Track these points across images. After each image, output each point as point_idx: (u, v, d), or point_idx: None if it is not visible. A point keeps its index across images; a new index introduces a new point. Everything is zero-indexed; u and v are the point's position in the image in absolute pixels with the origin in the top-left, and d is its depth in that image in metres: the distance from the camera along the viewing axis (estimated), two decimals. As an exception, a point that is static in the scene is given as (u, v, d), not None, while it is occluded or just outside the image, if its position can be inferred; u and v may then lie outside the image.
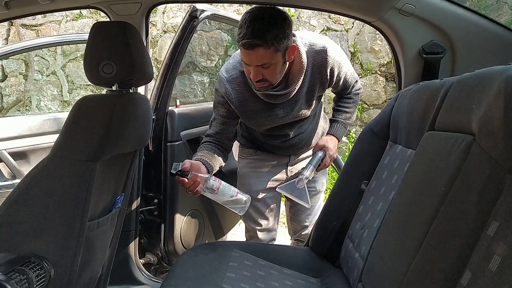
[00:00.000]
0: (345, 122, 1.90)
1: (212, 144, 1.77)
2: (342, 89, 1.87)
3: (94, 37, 1.33)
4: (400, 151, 1.39)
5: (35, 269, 1.14)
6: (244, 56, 1.55)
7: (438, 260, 0.84)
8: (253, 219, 2.04)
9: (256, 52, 1.49)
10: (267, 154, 1.99)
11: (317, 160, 1.79)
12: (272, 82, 1.62)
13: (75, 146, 1.23)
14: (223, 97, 1.74)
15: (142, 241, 2.10)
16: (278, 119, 1.78)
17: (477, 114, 0.86)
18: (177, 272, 1.38)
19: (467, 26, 1.56)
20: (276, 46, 1.50)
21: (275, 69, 1.57)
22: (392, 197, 1.28)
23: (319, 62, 1.69)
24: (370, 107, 5.10)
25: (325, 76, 1.72)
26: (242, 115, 1.78)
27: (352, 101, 1.91)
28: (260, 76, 1.56)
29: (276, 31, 1.48)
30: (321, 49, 1.68)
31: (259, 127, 1.86)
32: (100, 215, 1.43)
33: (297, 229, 2.19)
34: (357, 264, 1.37)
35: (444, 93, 1.08)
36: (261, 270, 1.52)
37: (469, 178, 0.83)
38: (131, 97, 1.39)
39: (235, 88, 1.73)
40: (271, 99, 1.71)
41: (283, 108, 1.76)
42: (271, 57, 1.52)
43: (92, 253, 1.42)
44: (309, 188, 2.00)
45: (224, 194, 1.57)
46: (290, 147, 1.93)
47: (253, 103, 1.74)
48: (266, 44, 1.47)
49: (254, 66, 1.54)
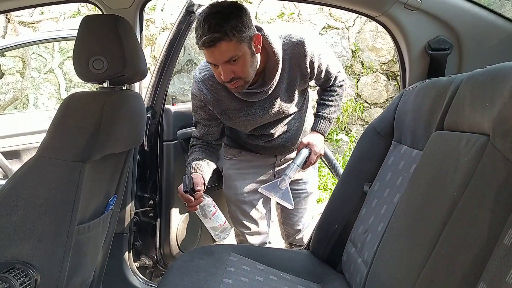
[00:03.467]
0: (329, 116, 1.82)
1: (202, 148, 1.76)
2: (325, 81, 1.78)
3: (84, 30, 1.27)
4: (405, 151, 1.33)
5: (19, 276, 1.09)
6: (209, 57, 1.46)
7: (450, 271, 0.78)
8: (241, 223, 1.96)
9: (219, 48, 1.41)
10: (252, 155, 1.91)
11: (302, 159, 1.72)
12: (246, 79, 1.53)
13: (63, 146, 1.18)
14: (200, 100, 1.69)
15: (137, 244, 2.04)
16: (258, 118, 1.71)
17: (490, 113, 0.80)
18: (171, 279, 1.33)
19: (475, 21, 1.51)
20: (238, 37, 1.42)
21: (244, 62, 1.48)
22: (397, 200, 1.23)
23: (297, 54, 1.61)
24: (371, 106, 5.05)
25: (304, 69, 1.65)
26: (221, 115, 1.71)
27: (336, 93, 1.83)
28: (232, 74, 1.48)
29: (234, 21, 1.40)
30: (298, 41, 1.60)
31: (241, 128, 1.79)
32: (90, 218, 1.38)
33: (291, 233, 2.11)
34: (359, 269, 1.32)
35: (453, 90, 1.02)
36: (259, 276, 1.46)
37: (483, 182, 0.78)
38: (123, 95, 1.34)
39: (210, 88, 1.67)
40: (248, 97, 1.65)
41: (262, 106, 1.68)
42: (236, 49, 1.43)
43: (82, 257, 1.37)
44: (299, 190, 1.98)
45: (215, 221, 1.68)
46: (276, 147, 1.85)
47: (230, 102, 1.68)
48: (227, 36, 1.39)
49: (222, 65, 1.46)
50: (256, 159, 1.91)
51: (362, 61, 5.04)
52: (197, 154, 1.74)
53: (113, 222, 1.58)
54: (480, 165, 0.79)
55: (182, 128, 2.14)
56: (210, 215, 1.65)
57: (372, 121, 1.61)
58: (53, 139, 1.17)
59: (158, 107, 2.00)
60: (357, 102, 5.08)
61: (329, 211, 1.65)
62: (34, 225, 1.16)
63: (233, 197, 1.93)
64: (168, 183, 2.05)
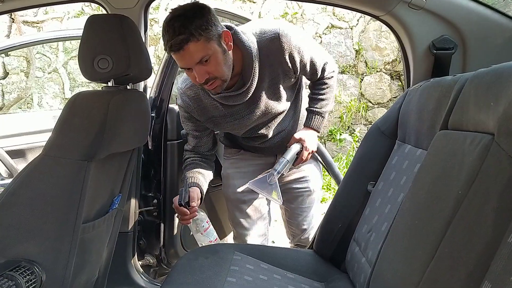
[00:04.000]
0: (321, 111, 1.76)
1: (196, 160, 1.76)
2: (312, 74, 1.71)
3: (89, 30, 1.28)
4: (409, 151, 1.33)
5: (25, 274, 1.09)
6: (180, 61, 1.44)
7: (454, 270, 0.78)
8: (240, 224, 1.93)
9: (188, 50, 1.38)
10: (251, 154, 1.90)
11: (292, 154, 1.67)
12: (222, 78, 1.49)
13: (68, 145, 1.18)
14: (186, 111, 1.69)
15: (141, 243, 2.05)
16: (245, 120, 1.68)
17: (495, 112, 0.80)
18: (175, 277, 1.33)
19: (479, 20, 1.50)
20: (205, 36, 1.39)
21: (216, 61, 1.45)
22: (401, 199, 1.23)
23: (274, 50, 1.56)
24: (375, 105, 5.04)
25: (285, 64, 1.59)
26: (208, 123, 1.70)
27: (326, 86, 1.75)
28: (206, 75, 1.45)
29: (198, 20, 1.38)
30: (272, 36, 1.55)
31: (232, 131, 1.78)
32: (95, 217, 1.38)
33: (296, 233, 2.07)
34: (364, 269, 1.32)
35: (458, 90, 1.02)
36: (263, 274, 1.46)
37: (488, 180, 0.78)
38: (127, 94, 1.34)
39: (192, 97, 1.66)
40: (230, 101, 1.62)
41: (247, 108, 1.65)
42: (205, 48, 1.40)
43: (87, 256, 1.37)
44: (301, 189, 1.94)
45: (206, 237, 1.66)
46: (273, 147, 1.83)
47: (215, 109, 1.66)
48: (193, 37, 1.37)
49: (195, 67, 1.43)
50: (255, 158, 1.89)
51: (366, 60, 5.03)
52: (191, 167, 1.74)
53: (117, 221, 1.58)
54: (485, 164, 0.79)
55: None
56: (202, 230, 1.65)
57: (376, 121, 1.60)
58: (58, 138, 1.18)
59: (163, 106, 2.01)
60: (361, 102, 5.08)
61: (333, 211, 1.64)
62: (40, 223, 1.16)
63: (232, 196, 1.92)
64: (172, 182, 2.06)
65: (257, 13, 5.13)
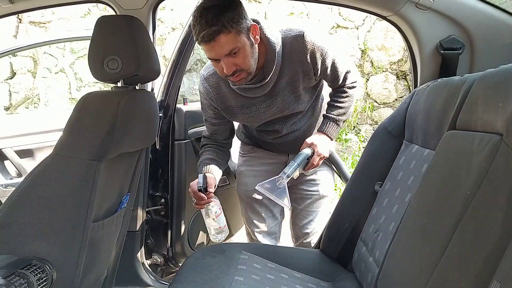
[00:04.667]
0: (337, 118, 1.74)
1: (212, 148, 1.78)
2: (333, 80, 1.71)
3: (99, 31, 1.29)
4: (417, 151, 1.33)
5: (36, 272, 1.10)
6: (209, 52, 1.44)
7: (463, 269, 0.79)
8: (251, 221, 1.95)
9: (219, 42, 1.40)
10: (264, 152, 1.90)
11: (302, 158, 1.64)
12: (248, 70, 1.51)
13: (79, 145, 1.19)
14: (206, 98, 1.71)
15: (148, 242, 2.06)
16: (261, 114, 1.70)
17: (504, 113, 0.80)
18: (184, 276, 1.34)
19: (487, 20, 1.50)
20: (236, 28, 1.41)
21: (245, 53, 1.46)
22: (408, 199, 1.23)
23: (297, 48, 1.58)
24: (381, 105, 5.04)
25: (306, 64, 1.60)
26: (225, 112, 1.72)
27: (346, 95, 1.74)
28: (234, 67, 1.46)
29: (230, 13, 1.39)
30: (297, 34, 1.57)
31: (248, 123, 1.80)
32: (105, 216, 1.39)
33: (299, 236, 2.04)
34: (371, 268, 1.32)
35: (465, 90, 1.02)
36: (270, 274, 1.47)
37: (496, 181, 0.78)
38: (137, 94, 1.35)
39: (213, 85, 1.68)
40: (249, 93, 1.64)
41: (264, 102, 1.67)
42: (236, 40, 1.42)
43: (97, 254, 1.39)
44: (310, 192, 1.93)
45: (217, 222, 1.67)
46: (286, 144, 1.83)
47: (233, 99, 1.68)
48: (225, 29, 1.38)
49: (223, 58, 1.44)
50: (268, 156, 1.90)
51: (372, 60, 5.03)
52: (208, 154, 1.76)
53: (126, 220, 1.59)
54: (493, 164, 0.79)
55: (194, 127, 2.15)
56: (214, 216, 1.66)
57: (383, 121, 1.60)
58: (69, 137, 1.19)
59: (170, 107, 2.02)
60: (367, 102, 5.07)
61: (340, 210, 1.65)
62: (51, 222, 1.17)
63: (244, 194, 1.93)
64: (180, 182, 2.07)
65: (263, 13, 5.14)
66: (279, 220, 2.01)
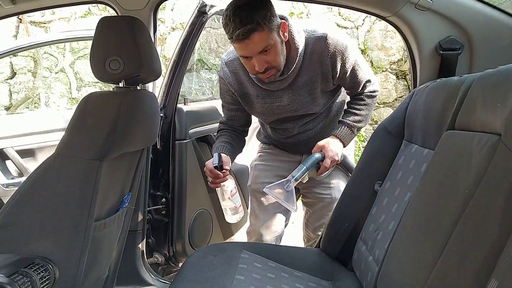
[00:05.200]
0: (352, 124, 1.72)
1: (228, 132, 1.81)
2: (352, 86, 1.71)
3: (101, 32, 1.29)
4: (416, 150, 1.34)
5: (39, 271, 1.11)
6: (242, 50, 1.47)
7: (462, 267, 0.80)
8: (255, 214, 1.94)
9: (253, 39, 1.43)
10: (280, 150, 1.93)
11: (311, 162, 1.63)
12: (278, 67, 1.55)
13: (81, 145, 1.20)
14: (224, 83, 1.74)
15: (149, 241, 2.07)
16: (275, 107, 1.71)
17: (502, 113, 0.81)
18: (186, 275, 1.35)
19: (486, 21, 1.51)
20: (269, 26, 1.44)
21: (276, 51, 1.50)
22: (408, 198, 1.24)
23: (319, 49, 1.60)
24: (380, 105, 5.04)
25: (326, 66, 1.61)
26: (241, 98, 1.74)
27: (364, 103, 1.74)
28: (266, 64, 1.50)
29: (263, 11, 1.42)
30: (321, 35, 1.59)
31: (260, 116, 1.82)
32: (106, 215, 1.40)
33: (311, 237, 2.06)
34: (370, 267, 1.33)
35: (464, 90, 1.03)
36: (271, 273, 1.48)
37: (495, 180, 0.79)
38: (138, 94, 1.36)
39: (232, 70, 1.71)
40: (265, 85, 1.66)
41: (280, 96, 1.69)
42: (269, 38, 1.46)
43: (99, 253, 1.39)
44: (323, 195, 1.92)
45: (232, 202, 1.68)
46: (299, 144, 1.83)
47: (250, 87, 1.70)
48: (260, 27, 1.42)
49: (256, 56, 1.48)
50: (283, 154, 1.92)
51: (372, 60, 5.03)
52: (224, 137, 1.79)
53: (127, 219, 1.60)
54: (492, 164, 0.80)
55: (194, 127, 2.16)
56: (229, 195, 1.67)
57: (382, 120, 1.61)
58: (71, 137, 1.20)
59: (171, 107, 2.03)
60: (366, 102, 5.07)
61: (340, 210, 1.66)
62: (53, 221, 1.18)
63: (253, 186, 1.94)
64: (180, 181, 2.08)
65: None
66: (283, 221, 1.97)
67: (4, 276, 1.02)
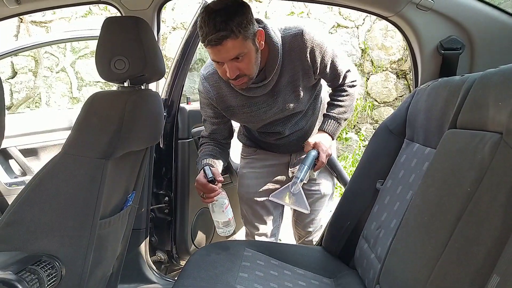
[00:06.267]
0: (338, 117, 1.72)
1: (211, 146, 1.76)
2: (333, 78, 1.69)
3: (106, 32, 1.30)
4: (418, 149, 1.35)
5: (46, 268, 1.12)
6: (215, 55, 1.44)
7: (464, 264, 0.81)
8: (251, 223, 1.95)
9: (225, 46, 1.39)
10: (266, 154, 1.89)
11: (311, 159, 1.63)
12: (250, 76, 1.51)
13: (87, 144, 1.21)
14: (205, 97, 1.70)
15: (152, 240, 2.08)
16: (262, 114, 1.68)
17: (503, 112, 0.82)
18: (190, 272, 1.36)
19: (486, 21, 1.52)
20: (244, 34, 1.40)
21: (249, 59, 1.46)
22: (409, 196, 1.25)
23: (297, 46, 1.56)
24: (381, 104, 5.06)
25: (306, 62, 1.59)
26: (225, 111, 1.71)
27: (346, 93, 1.73)
28: (237, 71, 1.46)
29: (239, 18, 1.38)
30: (296, 32, 1.55)
31: (248, 124, 1.79)
32: (111, 213, 1.41)
33: (301, 235, 2.08)
34: (373, 265, 1.35)
35: (466, 89, 1.05)
36: (274, 270, 1.49)
37: (496, 178, 0.80)
38: (143, 94, 1.37)
39: (213, 84, 1.67)
40: (249, 92, 1.62)
41: (265, 101, 1.66)
42: (242, 46, 1.41)
43: (103, 251, 1.41)
44: (312, 191, 1.93)
45: (226, 214, 1.64)
46: (289, 145, 1.83)
47: (233, 99, 1.67)
48: (233, 34, 1.37)
49: (227, 62, 1.44)
50: (270, 158, 1.90)
51: (372, 59, 5.05)
52: (207, 150, 1.74)
53: (131, 217, 1.61)
54: (493, 162, 0.82)
55: (197, 126, 2.17)
56: (224, 208, 1.63)
57: (384, 120, 1.62)
58: (77, 136, 1.21)
59: (174, 106, 2.04)
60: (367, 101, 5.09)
61: (341, 208, 1.67)
62: (60, 219, 1.19)
63: (245, 196, 1.93)
64: (183, 180, 2.09)
65: (264, 13, 5.15)
66: (278, 222, 2.00)
67: (13, 273, 1.03)
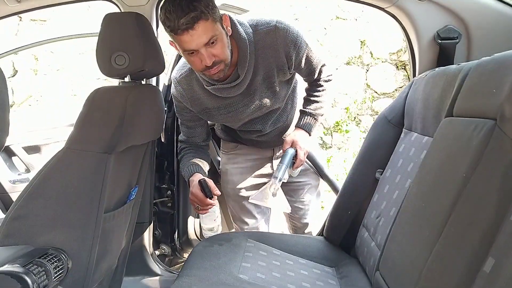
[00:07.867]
0: (314, 112, 1.68)
1: (193, 150, 1.72)
2: (309, 73, 1.65)
3: (106, 28, 1.32)
4: (416, 138, 1.37)
5: (53, 261, 1.14)
6: (187, 43, 1.34)
7: (460, 247, 0.83)
8: (239, 218, 1.92)
9: (197, 29, 1.31)
10: (248, 148, 1.85)
11: (289, 158, 1.58)
12: (226, 61, 1.43)
13: (90, 139, 1.23)
14: (179, 101, 1.64)
15: (156, 233, 2.10)
16: (239, 114, 1.64)
17: (498, 99, 0.84)
18: (193, 263, 1.39)
19: (482, 10, 1.53)
20: (213, 16, 1.33)
21: (223, 43, 1.39)
22: (408, 185, 1.27)
23: (270, 42, 1.51)
24: (381, 96, 5.06)
25: (280, 58, 1.53)
26: (201, 114, 1.66)
27: (322, 89, 1.68)
28: (213, 58, 1.38)
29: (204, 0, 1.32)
30: (269, 29, 1.50)
31: (228, 124, 1.76)
32: (115, 207, 1.44)
33: (298, 227, 2.04)
34: (373, 253, 1.37)
35: (462, 78, 1.06)
36: (276, 260, 1.51)
37: (491, 163, 0.82)
38: (143, 89, 1.39)
39: (186, 88, 1.61)
40: (224, 93, 1.57)
41: (241, 101, 1.61)
42: (214, 28, 1.34)
43: (108, 244, 1.43)
44: (301, 182, 1.92)
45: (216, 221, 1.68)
46: (271, 140, 1.81)
47: (209, 101, 1.61)
48: (204, 15, 1.30)
49: (202, 48, 1.35)
50: (253, 152, 1.87)
51: (371, 51, 5.05)
52: (190, 157, 1.69)
53: (135, 211, 1.63)
54: (488, 148, 0.84)
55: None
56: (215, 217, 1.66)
57: (383, 110, 1.64)
58: (80, 131, 1.23)
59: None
60: (367, 92, 5.10)
61: (342, 198, 1.69)
62: (65, 213, 1.22)
63: (231, 192, 1.91)
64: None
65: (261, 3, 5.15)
66: (267, 214, 1.98)
67: (20, 266, 1.06)
